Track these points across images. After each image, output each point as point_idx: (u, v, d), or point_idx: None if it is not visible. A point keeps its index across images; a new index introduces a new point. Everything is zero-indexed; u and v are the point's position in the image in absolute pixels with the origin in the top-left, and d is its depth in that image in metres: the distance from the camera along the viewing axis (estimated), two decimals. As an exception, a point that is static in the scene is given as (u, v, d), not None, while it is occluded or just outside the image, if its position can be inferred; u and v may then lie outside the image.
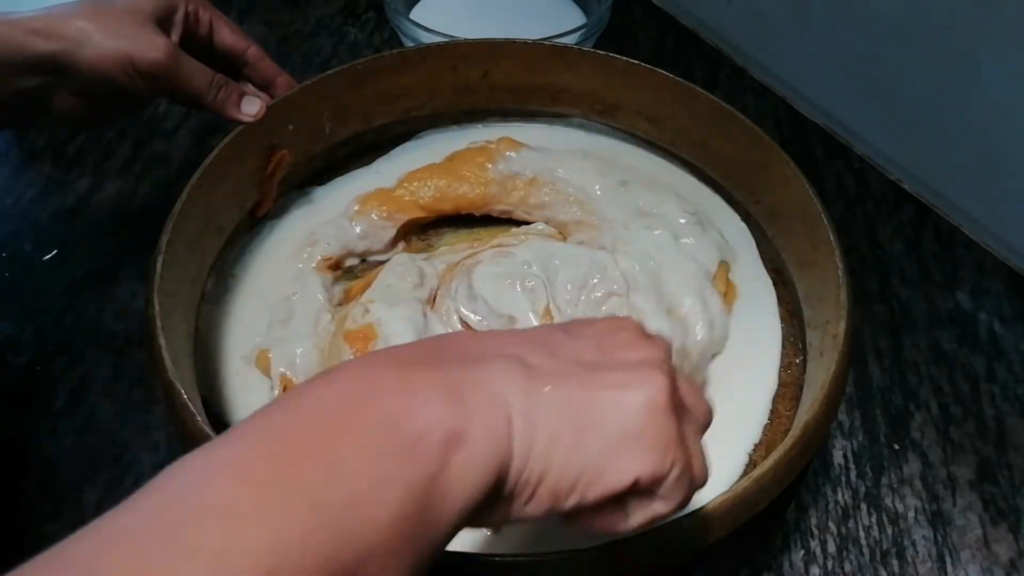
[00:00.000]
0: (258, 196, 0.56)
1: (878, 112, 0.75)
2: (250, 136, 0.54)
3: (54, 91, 0.50)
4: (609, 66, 0.61)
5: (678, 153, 0.62)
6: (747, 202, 0.58)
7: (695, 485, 0.28)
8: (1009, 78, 0.64)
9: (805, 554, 0.51)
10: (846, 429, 0.57)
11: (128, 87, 0.50)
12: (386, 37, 0.86)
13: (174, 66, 0.50)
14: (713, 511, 0.37)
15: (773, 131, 0.73)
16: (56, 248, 0.64)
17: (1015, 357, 0.62)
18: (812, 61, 0.79)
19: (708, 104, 0.58)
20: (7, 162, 0.72)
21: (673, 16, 0.91)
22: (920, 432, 0.57)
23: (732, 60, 0.86)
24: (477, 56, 0.62)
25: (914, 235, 0.70)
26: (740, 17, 0.85)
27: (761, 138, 0.55)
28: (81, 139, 0.73)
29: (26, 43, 0.47)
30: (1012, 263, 0.68)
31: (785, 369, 0.52)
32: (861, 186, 0.74)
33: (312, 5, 0.89)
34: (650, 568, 0.36)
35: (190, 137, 0.74)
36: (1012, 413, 0.58)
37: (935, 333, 0.63)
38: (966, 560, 0.51)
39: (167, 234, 0.46)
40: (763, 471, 0.38)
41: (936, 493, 0.54)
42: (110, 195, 0.69)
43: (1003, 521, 0.53)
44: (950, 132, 0.70)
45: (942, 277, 0.67)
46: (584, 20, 0.79)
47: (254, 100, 0.54)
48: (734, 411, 0.49)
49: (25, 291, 0.62)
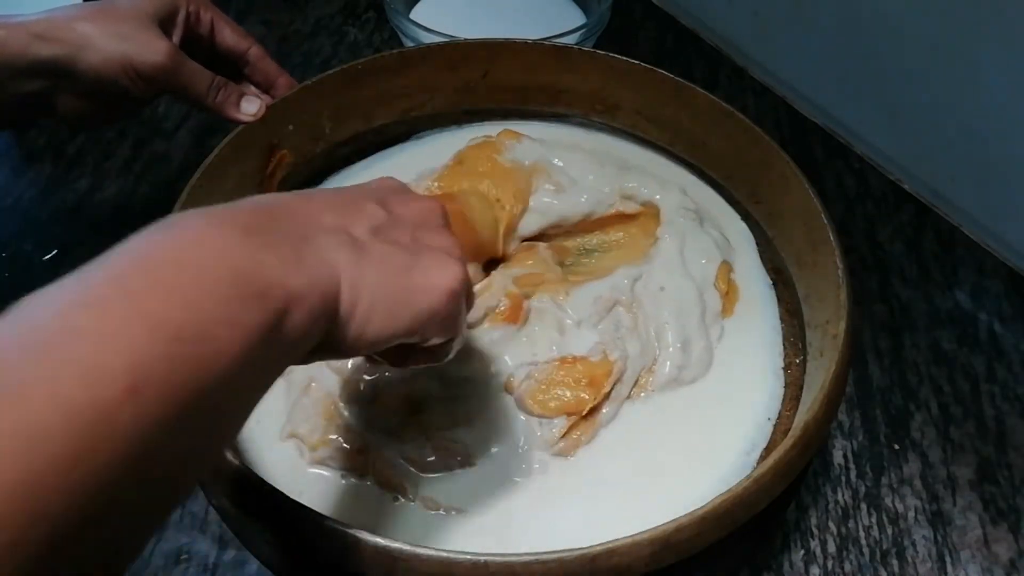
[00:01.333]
0: (258, 196, 0.56)
1: (878, 112, 0.75)
2: (250, 136, 0.54)
3: (57, 93, 0.51)
4: (609, 66, 0.61)
5: (678, 153, 0.62)
6: (747, 202, 0.58)
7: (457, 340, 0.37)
8: (1009, 78, 0.64)
9: (805, 554, 0.51)
10: (846, 429, 0.57)
11: (130, 89, 0.50)
12: (386, 37, 0.86)
13: (175, 69, 0.51)
14: (713, 511, 0.37)
15: (773, 131, 0.73)
16: (56, 248, 0.64)
17: (1015, 357, 0.62)
18: (812, 61, 0.79)
19: (708, 104, 0.58)
20: (7, 162, 0.72)
21: (673, 16, 0.91)
22: (920, 432, 0.57)
23: (732, 60, 0.86)
24: (477, 56, 0.62)
25: (914, 235, 0.70)
26: (740, 17, 0.85)
27: (761, 138, 0.55)
28: (81, 139, 0.73)
29: (29, 47, 0.48)
30: (1012, 263, 0.68)
31: (785, 369, 0.52)
32: (861, 186, 0.74)
33: (312, 5, 0.90)
34: (650, 568, 0.36)
35: (190, 137, 0.74)
36: (1012, 413, 0.58)
37: (935, 333, 0.63)
38: (966, 560, 0.51)
39: (167, 234, 0.46)
40: (763, 471, 0.38)
41: (936, 493, 0.54)
42: (110, 195, 0.69)
43: (1003, 521, 0.53)
44: (950, 132, 0.70)
45: (942, 277, 0.67)
46: (584, 20, 0.79)
47: (254, 100, 0.54)
48: (734, 411, 0.49)
49: (25, 291, 0.62)
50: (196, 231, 0.27)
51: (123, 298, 0.24)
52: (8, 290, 0.62)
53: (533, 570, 0.35)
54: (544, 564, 0.35)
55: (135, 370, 0.23)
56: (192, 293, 0.25)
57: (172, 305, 0.25)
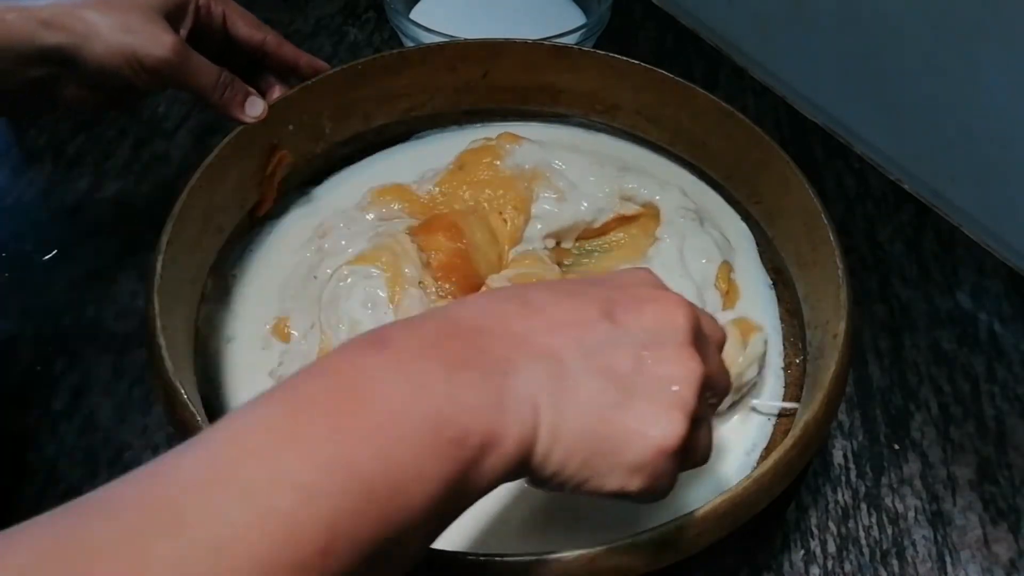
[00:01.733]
0: (258, 196, 0.56)
1: (878, 112, 0.75)
2: (250, 136, 0.54)
3: (61, 81, 0.51)
4: (609, 66, 0.61)
5: (678, 153, 0.62)
6: (747, 202, 0.58)
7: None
8: (1009, 78, 0.64)
9: (805, 554, 0.51)
10: (846, 429, 0.57)
11: (134, 81, 0.50)
12: (386, 37, 0.86)
13: (180, 63, 0.50)
14: (713, 511, 0.37)
15: (773, 131, 0.73)
16: (56, 248, 0.64)
17: (1015, 357, 0.62)
18: (812, 61, 0.79)
19: (708, 104, 0.58)
20: (7, 162, 0.72)
21: (673, 16, 0.91)
22: (920, 432, 0.57)
23: (732, 60, 0.86)
24: (477, 56, 0.62)
25: (914, 235, 0.70)
26: (740, 17, 0.85)
27: (761, 138, 0.55)
28: (81, 139, 0.73)
29: (35, 34, 0.48)
30: (1012, 263, 0.68)
31: (785, 369, 0.52)
32: (861, 186, 0.74)
33: (312, 5, 0.90)
34: (650, 568, 0.36)
35: (190, 137, 0.74)
36: (1012, 413, 0.58)
37: (935, 333, 0.63)
38: (966, 560, 0.51)
39: (167, 234, 0.46)
40: (763, 471, 0.38)
41: (936, 493, 0.54)
42: (110, 195, 0.69)
43: (1003, 521, 0.53)
44: (950, 132, 0.70)
45: (942, 277, 0.67)
46: (584, 20, 0.79)
47: (257, 102, 0.54)
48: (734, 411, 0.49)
49: (25, 291, 0.62)
50: (402, 363, 0.26)
51: (328, 440, 0.23)
52: (8, 290, 0.62)
53: (533, 570, 0.35)
54: (544, 564, 0.35)
55: (331, 528, 0.22)
56: (389, 440, 0.24)
57: (369, 455, 0.23)
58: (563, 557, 0.35)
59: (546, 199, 0.56)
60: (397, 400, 0.25)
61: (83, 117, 0.74)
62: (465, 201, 0.55)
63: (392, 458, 0.23)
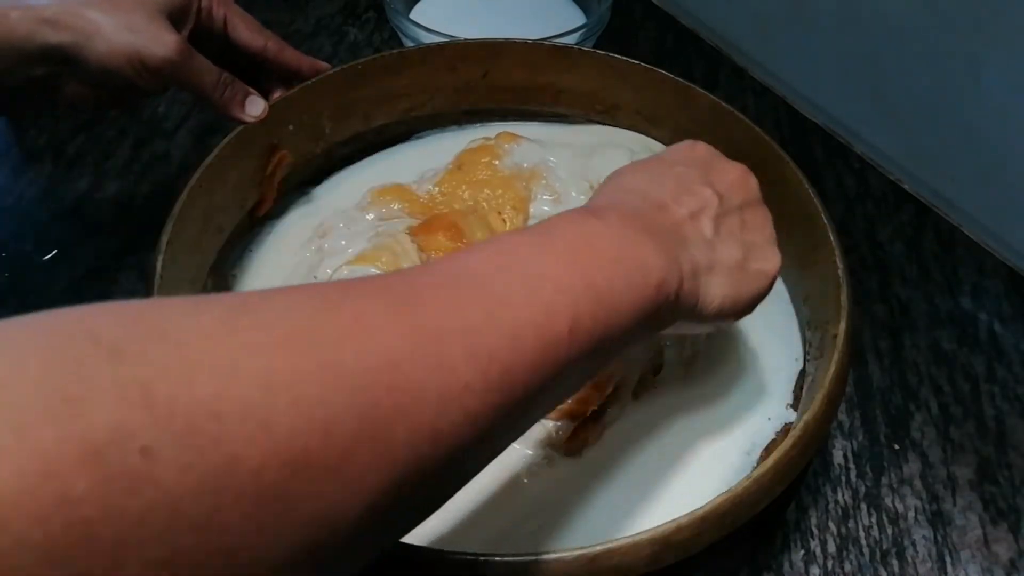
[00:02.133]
0: (258, 196, 0.56)
1: (878, 112, 0.75)
2: (250, 136, 0.54)
3: (63, 80, 0.51)
4: (609, 66, 0.61)
5: (678, 153, 0.62)
6: (747, 202, 0.58)
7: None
8: (1009, 78, 0.64)
9: (805, 554, 0.51)
10: (846, 429, 0.57)
11: (136, 81, 0.50)
12: (386, 37, 0.86)
13: (182, 63, 0.50)
14: (713, 511, 0.37)
15: (773, 131, 0.73)
16: (56, 248, 0.64)
17: (1015, 357, 0.62)
18: (812, 61, 0.79)
19: (708, 104, 0.58)
20: (7, 162, 0.72)
21: (673, 16, 0.91)
22: (920, 432, 0.57)
23: (732, 60, 0.86)
24: (477, 56, 0.62)
25: (914, 235, 0.70)
26: (740, 17, 0.85)
27: (761, 138, 0.55)
28: (81, 139, 0.73)
29: (37, 32, 0.48)
30: (1012, 263, 0.68)
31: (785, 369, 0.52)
32: (861, 186, 0.74)
33: (312, 5, 0.90)
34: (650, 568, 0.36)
35: (190, 137, 0.74)
36: (1012, 413, 0.58)
37: (935, 333, 0.63)
38: (966, 560, 0.51)
39: (167, 234, 0.46)
40: (763, 471, 0.38)
41: (936, 493, 0.54)
42: (110, 195, 0.69)
43: (1003, 521, 0.53)
44: (950, 132, 0.70)
45: (942, 277, 0.67)
46: (584, 20, 0.79)
47: (258, 101, 0.54)
48: (734, 410, 0.49)
49: (25, 291, 0.62)
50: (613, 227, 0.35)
51: (573, 262, 0.31)
52: (8, 290, 0.62)
53: (533, 570, 0.35)
54: (544, 564, 0.35)
55: (575, 318, 0.29)
56: (613, 273, 0.32)
57: (600, 277, 0.31)
58: (563, 557, 0.35)
59: (544, 200, 0.56)
60: (615, 249, 0.34)
61: (84, 116, 0.74)
62: (464, 201, 0.56)
63: (614, 286, 0.32)
